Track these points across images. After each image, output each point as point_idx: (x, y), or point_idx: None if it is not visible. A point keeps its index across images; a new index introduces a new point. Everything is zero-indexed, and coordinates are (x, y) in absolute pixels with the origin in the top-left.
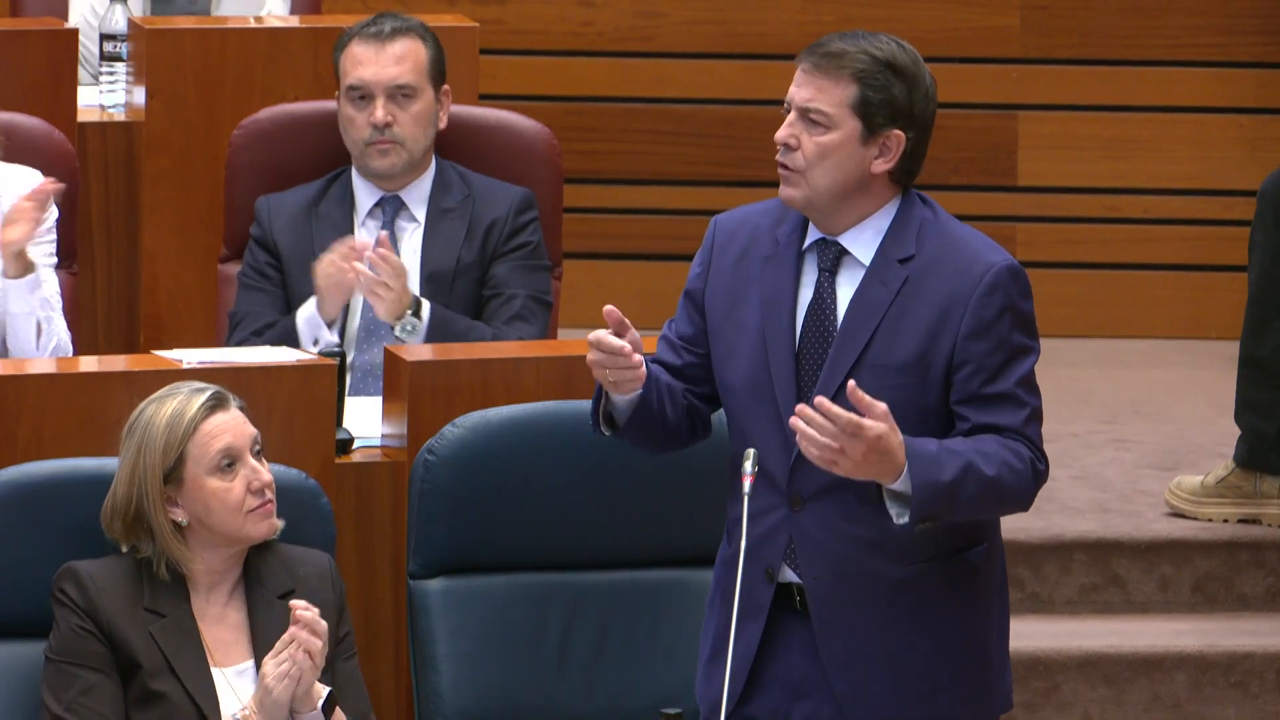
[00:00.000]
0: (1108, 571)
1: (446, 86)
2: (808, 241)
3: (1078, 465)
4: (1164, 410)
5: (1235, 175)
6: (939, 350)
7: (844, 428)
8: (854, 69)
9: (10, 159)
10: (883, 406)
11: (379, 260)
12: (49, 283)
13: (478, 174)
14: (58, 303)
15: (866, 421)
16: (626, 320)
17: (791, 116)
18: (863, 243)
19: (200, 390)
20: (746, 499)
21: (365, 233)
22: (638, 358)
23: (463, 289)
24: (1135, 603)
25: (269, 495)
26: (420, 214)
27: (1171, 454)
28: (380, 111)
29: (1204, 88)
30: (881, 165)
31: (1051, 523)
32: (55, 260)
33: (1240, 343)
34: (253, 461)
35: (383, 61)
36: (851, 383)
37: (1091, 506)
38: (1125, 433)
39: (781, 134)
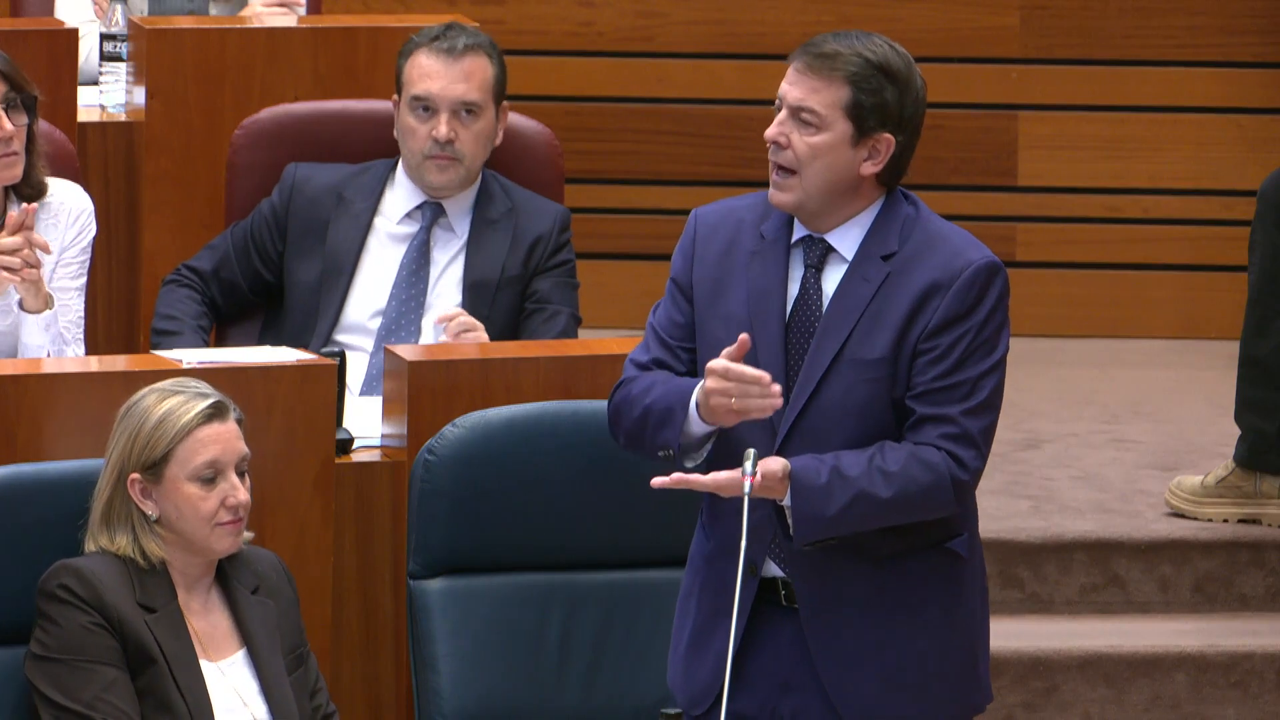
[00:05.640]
0: (1108, 571)
1: (505, 104)
2: (795, 237)
3: (1078, 465)
4: (1164, 410)
5: (1235, 175)
6: (909, 341)
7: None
8: (847, 71)
9: None
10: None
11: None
12: (71, 307)
13: (516, 185)
14: (77, 329)
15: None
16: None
17: (782, 115)
18: (848, 240)
19: (203, 395)
20: (747, 499)
21: (401, 230)
22: (778, 387)
23: (504, 301)
24: (1135, 603)
25: (241, 514)
26: (460, 223)
27: (1171, 454)
28: (444, 127)
29: (1204, 88)
30: (870, 168)
31: (1051, 523)
32: (84, 280)
33: (1240, 343)
34: (234, 478)
35: (452, 76)
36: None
37: (1091, 506)
38: (1125, 433)
39: (771, 132)
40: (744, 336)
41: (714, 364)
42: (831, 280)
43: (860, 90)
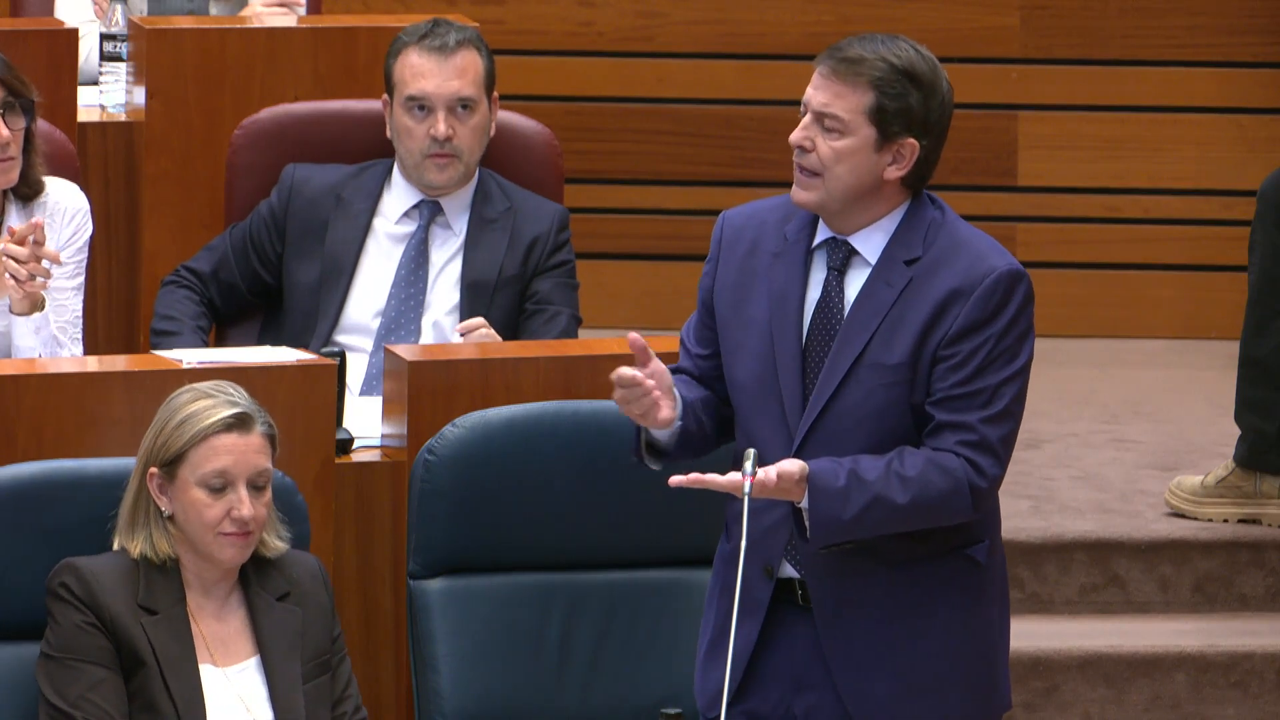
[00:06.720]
0: (1108, 571)
1: (496, 94)
2: (817, 240)
3: (1078, 465)
4: (1164, 410)
5: (1235, 175)
6: (929, 347)
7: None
8: (871, 76)
9: None
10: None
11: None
12: (68, 307)
13: (514, 185)
14: (75, 329)
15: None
16: (649, 349)
17: (807, 119)
18: (872, 244)
19: (233, 404)
20: (747, 498)
21: (399, 230)
22: (650, 383)
23: (502, 301)
24: (1135, 603)
25: (251, 528)
26: (458, 221)
27: (1171, 454)
28: (442, 125)
29: (1204, 88)
30: (895, 172)
31: (1051, 523)
32: (81, 280)
33: (1240, 343)
34: (244, 491)
35: (446, 74)
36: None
37: (1091, 506)
38: (1125, 433)
39: (796, 136)
40: (632, 336)
41: (614, 374)
42: (854, 284)
43: (884, 95)
